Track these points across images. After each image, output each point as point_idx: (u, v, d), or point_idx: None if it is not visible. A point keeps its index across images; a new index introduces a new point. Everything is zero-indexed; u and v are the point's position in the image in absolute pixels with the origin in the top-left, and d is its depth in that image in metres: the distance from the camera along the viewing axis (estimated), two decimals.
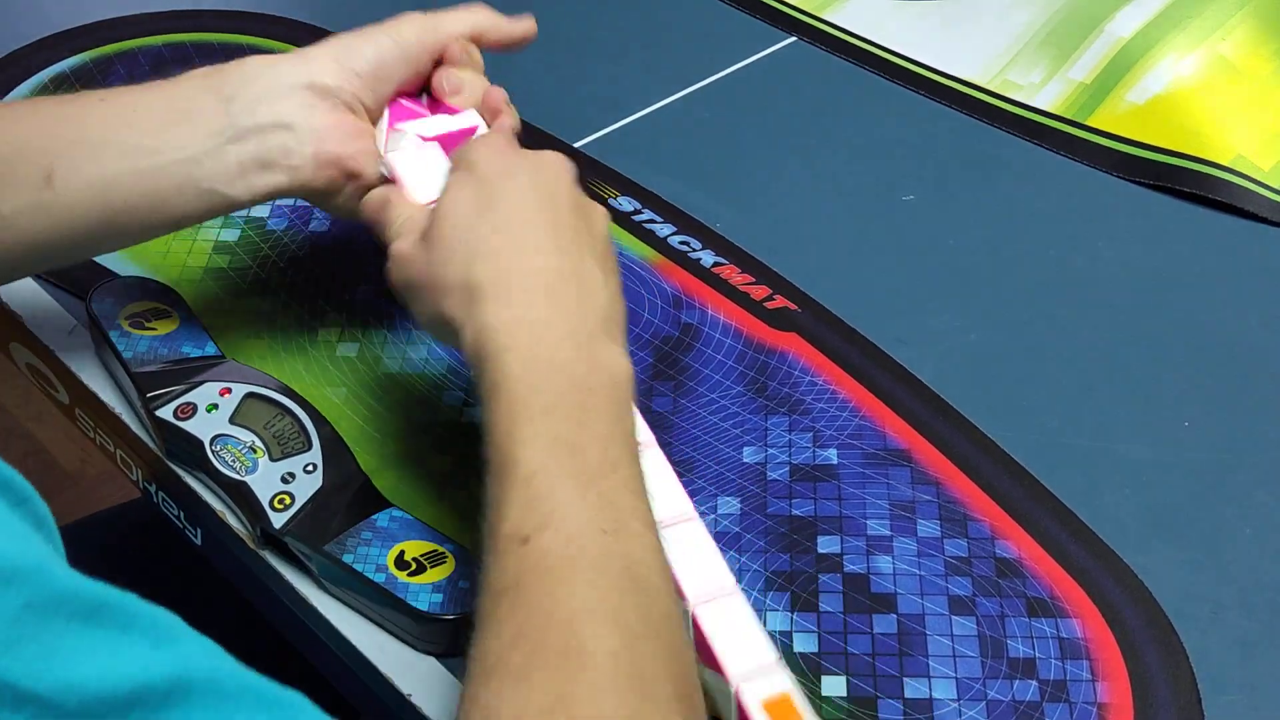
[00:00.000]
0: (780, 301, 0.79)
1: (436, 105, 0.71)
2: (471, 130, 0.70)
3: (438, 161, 0.67)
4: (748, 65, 0.99)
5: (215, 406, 0.70)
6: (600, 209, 0.63)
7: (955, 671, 0.62)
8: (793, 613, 0.64)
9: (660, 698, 0.48)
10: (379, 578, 0.63)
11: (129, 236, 0.67)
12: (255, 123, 0.63)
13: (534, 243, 0.59)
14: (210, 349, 0.73)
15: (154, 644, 0.40)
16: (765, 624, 0.63)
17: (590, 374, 0.56)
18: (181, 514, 0.71)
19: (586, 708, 0.47)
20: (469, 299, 0.57)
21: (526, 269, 0.58)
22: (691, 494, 0.61)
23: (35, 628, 0.37)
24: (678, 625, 0.52)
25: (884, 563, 0.66)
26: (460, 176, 0.62)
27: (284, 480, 0.66)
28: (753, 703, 0.55)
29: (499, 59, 0.73)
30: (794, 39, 1.01)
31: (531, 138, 0.84)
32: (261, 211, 0.84)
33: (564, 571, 0.50)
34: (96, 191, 0.63)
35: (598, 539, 0.51)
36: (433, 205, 0.62)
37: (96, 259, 0.79)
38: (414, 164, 0.66)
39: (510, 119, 0.71)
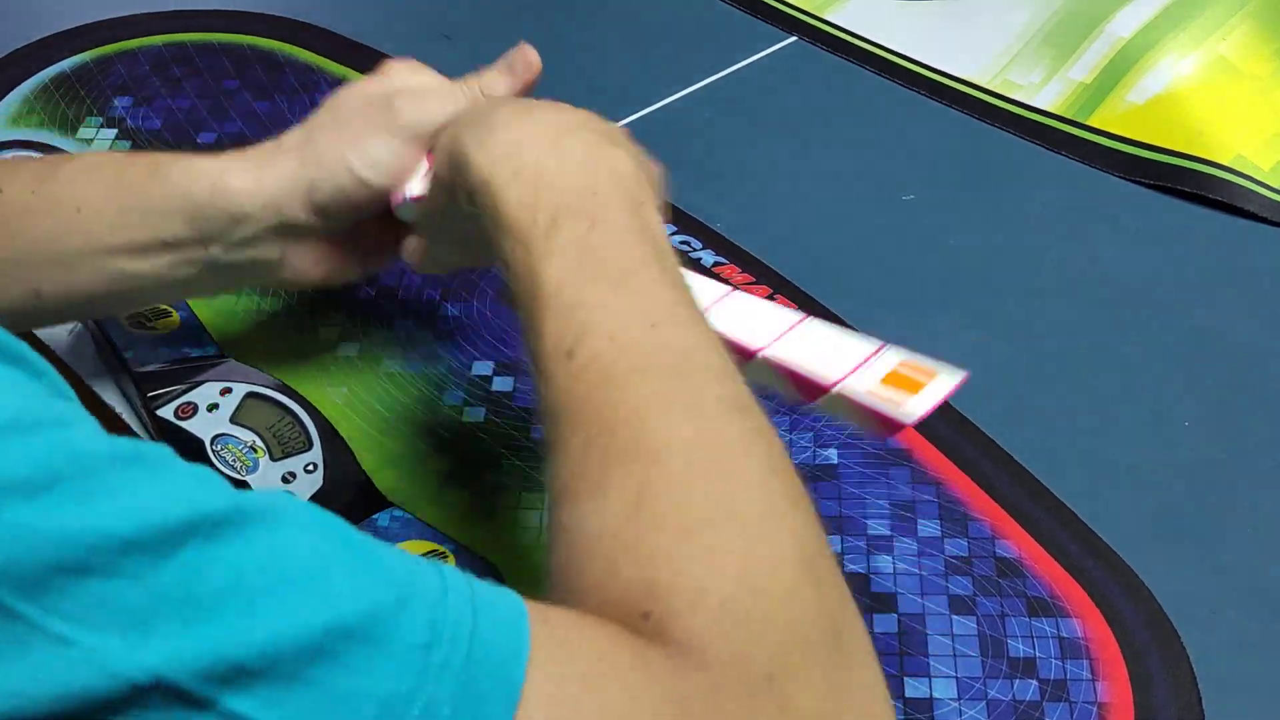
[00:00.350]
0: (780, 301, 0.79)
1: None
2: None
3: None
4: (748, 65, 0.99)
5: (216, 406, 0.70)
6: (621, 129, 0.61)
7: (955, 671, 0.62)
8: None
9: (748, 474, 0.46)
10: None
11: (109, 315, 0.76)
12: (232, 261, 0.64)
13: (523, 108, 0.58)
14: (210, 349, 0.74)
15: (204, 485, 0.40)
16: None
17: (592, 177, 0.54)
18: None
19: (670, 498, 0.45)
20: (456, 152, 0.57)
21: (509, 117, 0.57)
22: None
23: (72, 469, 0.37)
24: (751, 404, 0.49)
25: (884, 562, 0.66)
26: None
27: (284, 480, 0.67)
28: (861, 393, 0.54)
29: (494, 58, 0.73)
30: (794, 39, 1.01)
31: None
32: None
33: (616, 372, 0.48)
34: (82, 303, 0.65)
35: (644, 333, 0.49)
36: None
37: None
38: None
39: None
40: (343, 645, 0.38)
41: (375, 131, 0.62)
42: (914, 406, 0.53)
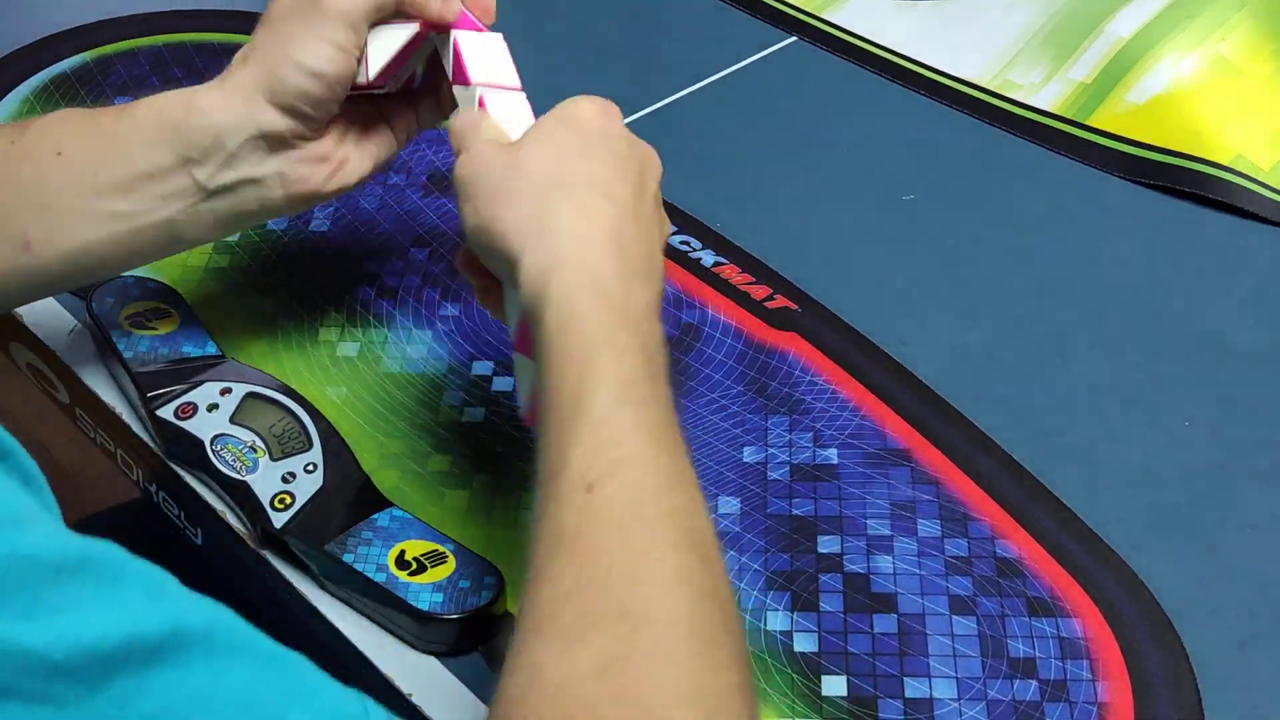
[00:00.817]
0: (780, 301, 0.79)
1: None
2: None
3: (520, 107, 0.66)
4: (748, 65, 0.99)
5: (215, 406, 0.70)
6: (665, 220, 0.62)
7: (955, 671, 0.62)
8: (793, 612, 0.64)
9: (720, 662, 0.47)
10: (379, 577, 0.63)
11: (105, 277, 0.74)
12: (223, 183, 0.64)
13: (615, 201, 0.57)
14: (210, 349, 0.74)
15: (148, 596, 0.40)
16: (765, 624, 0.63)
17: (650, 336, 0.55)
18: (182, 514, 0.71)
19: (642, 670, 0.45)
20: (540, 223, 0.56)
21: (605, 223, 0.56)
22: None
23: (15, 581, 0.37)
24: (731, 591, 0.50)
25: (884, 562, 0.66)
26: (562, 123, 0.61)
27: (284, 480, 0.66)
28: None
29: None
30: (794, 39, 1.01)
31: None
32: None
33: (629, 524, 0.48)
34: (74, 255, 0.64)
35: (664, 494, 0.49)
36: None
37: None
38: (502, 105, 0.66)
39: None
40: None
41: (309, 27, 0.63)
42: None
